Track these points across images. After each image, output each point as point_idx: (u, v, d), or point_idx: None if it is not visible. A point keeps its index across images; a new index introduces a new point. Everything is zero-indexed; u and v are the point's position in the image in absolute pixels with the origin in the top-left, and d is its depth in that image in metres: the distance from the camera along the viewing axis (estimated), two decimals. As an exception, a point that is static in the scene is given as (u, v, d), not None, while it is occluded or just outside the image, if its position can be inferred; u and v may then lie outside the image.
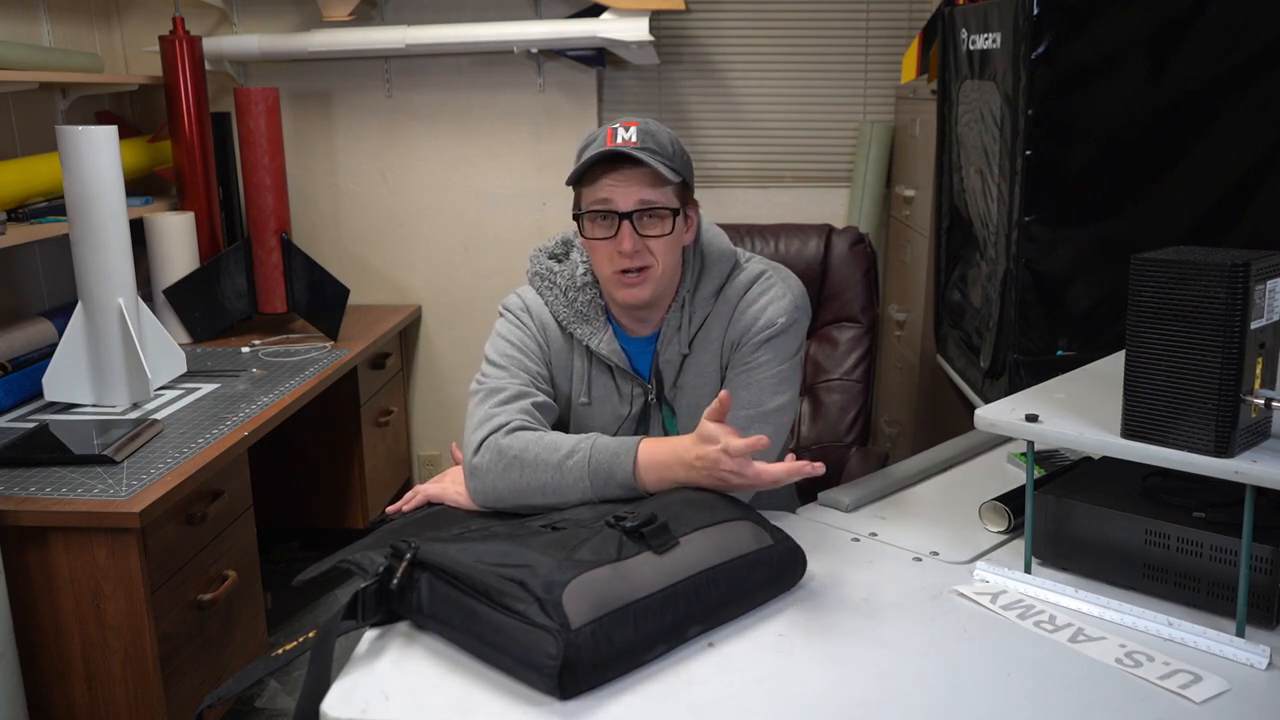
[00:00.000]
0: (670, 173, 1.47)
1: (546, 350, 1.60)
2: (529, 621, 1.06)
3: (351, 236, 3.49)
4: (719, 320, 1.57)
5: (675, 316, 1.57)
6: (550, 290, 1.60)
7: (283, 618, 2.88)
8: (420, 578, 1.16)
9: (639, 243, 1.47)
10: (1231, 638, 1.14)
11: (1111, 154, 1.85)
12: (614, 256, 1.48)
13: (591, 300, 1.59)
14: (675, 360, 1.58)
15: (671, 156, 1.49)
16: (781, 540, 1.29)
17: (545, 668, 1.04)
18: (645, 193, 1.47)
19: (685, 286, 1.58)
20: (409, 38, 3.12)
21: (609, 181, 1.47)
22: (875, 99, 3.33)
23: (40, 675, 1.88)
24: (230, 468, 2.15)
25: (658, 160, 1.46)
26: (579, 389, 1.59)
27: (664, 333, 1.57)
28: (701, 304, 1.58)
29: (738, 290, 1.58)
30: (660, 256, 1.49)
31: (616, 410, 1.59)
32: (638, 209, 1.47)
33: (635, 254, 1.47)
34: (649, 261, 1.49)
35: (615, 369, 1.58)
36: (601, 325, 1.58)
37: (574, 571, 1.09)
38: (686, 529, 1.22)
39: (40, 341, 2.54)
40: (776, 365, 1.53)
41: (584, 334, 1.58)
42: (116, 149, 2.28)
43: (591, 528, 1.22)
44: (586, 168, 1.47)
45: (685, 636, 1.16)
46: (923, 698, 1.07)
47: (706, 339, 1.58)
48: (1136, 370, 1.17)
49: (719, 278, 1.59)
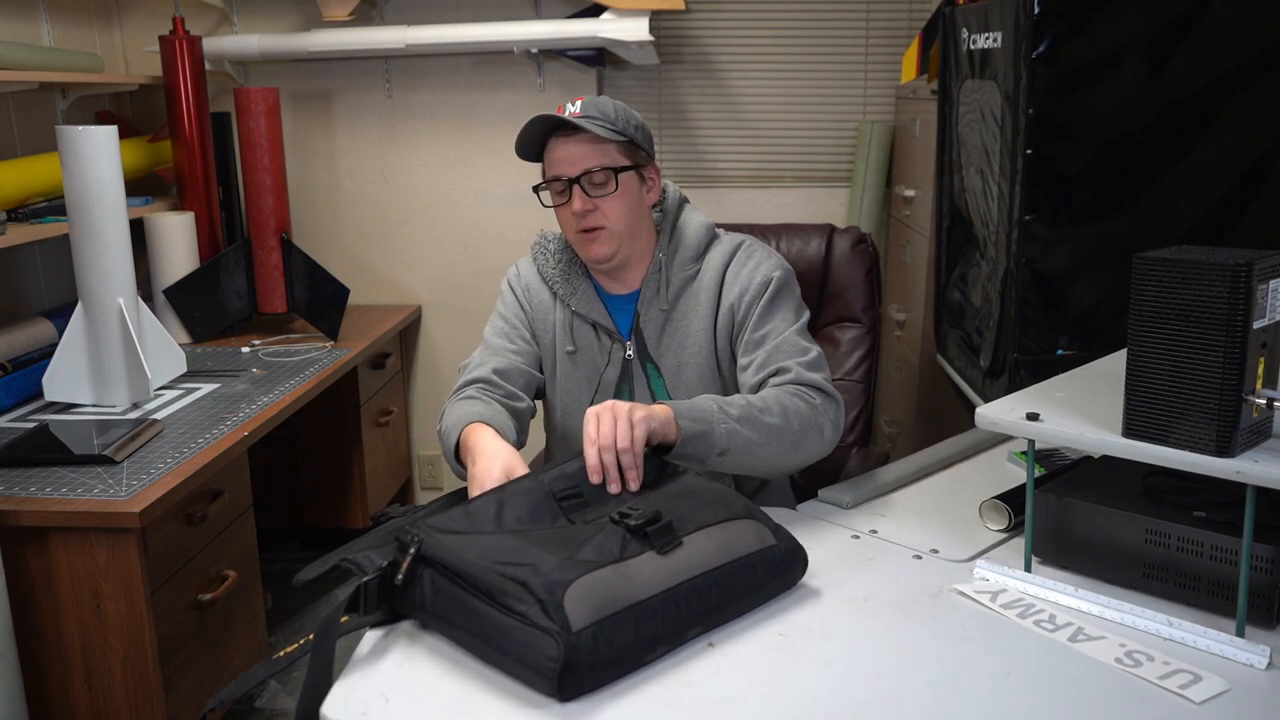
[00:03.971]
0: (609, 133, 1.61)
1: (529, 310, 1.75)
2: (530, 623, 1.05)
3: (351, 236, 3.49)
4: (707, 288, 1.69)
5: (654, 279, 1.70)
6: (542, 255, 1.77)
7: (283, 618, 2.88)
8: (424, 573, 1.16)
9: (589, 203, 1.62)
10: (1231, 638, 1.14)
11: (1112, 153, 1.85)
12: (571, 219, 1.64)
13: (571, 260, 1.74)
14: (657, 319, 1.69)
15: (613, 120, 1.63)
16: (784, 539, 1.29)
17: (545, 669, 1.03)
18: (589, 156, 1.61)
19: (659, 248, 1.71)
20: (409, 38, 3.12)
21: (557, 153, 1.63)
22: (875, 99, 3.33)
23: (40, 675, 1.88)
24: (230, 468, 2.14)
25: (596, 124, 1.60)
26: (563, 340, 1.72)
27: (644, 293, 1.70)
28: (680, 268, 1.70)
29: (721, 257, 1.71)
30: (612, 215, 1.63)
31: (597, 361, 1.71)
32: (583, 172, 1.61)
33: (586, 214, 1.62)
34: (601, 221, 1.62)
35: (595, 324, 1.71)
36: (581, 284, 1.72)
37: (576, 572, 1.09)
38: (690, 528, 1.21)
39: (40, 341, 2.53)
40: (795, 322, 1.66)
41: (565, 292, 1.72)
42: (116, 149, 2.28)
43: (596, 524, 1.22)
44: (534, 140, 1.64)
45: (686, 637, 1.16)
46: (923, 697, 1.07)
47: (694, 304, 1.69)
48: (1138, 369, 1.17)
49: (696, 245, 1.71)
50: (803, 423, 1.50)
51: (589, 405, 1.64)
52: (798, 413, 1.50)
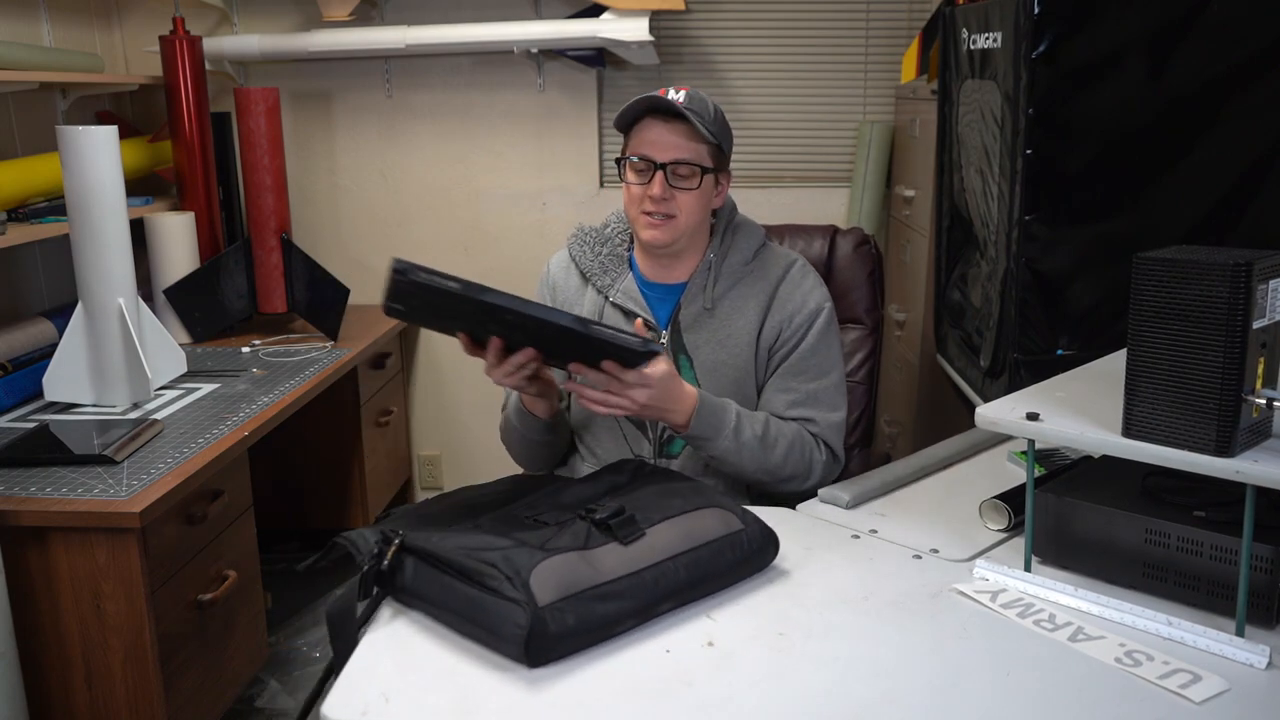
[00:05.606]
0: (708, 133, 1.64)
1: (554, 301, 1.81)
2: (501, 596, 1.13)
3: (351, 236, 3.49)
4: (756, 293, 1.74)
5: (702, 276, 1.74)
6: (580, 246, 1.81)
7: (283, 618, 2.89)
8: (406, 560, 1.24)
9: (668, 191, 1.64)
10: (1231, 637, 1.14)
11: (1112, 153, 1.85)
12: (643, 199, 1.66)
13: (612, 251, 1.79)
14: (698, 314, 1.73)
15: (712, 121, 1.66)
16: (751, 523, 1.33)
17: (514, 637, 1.11)
18: (682, 148, 1.64)
19: (712, 248, 1.75)
20: (409, 38, 3.12)
21: (651, 134, 1.65)
22: (875, 99, 3.33)
23: (40, 675, 1.88)
24: (230, 468, 2.14)
25: (698, 120, 1.63)
26: None
27: (690, 288, 1.74)
28: (730, 270, 1.75)
29: (776, 267, 1.77)
30: (684, 209, 1.66)
31: None
32: (672, 161, 1.64)
33: (663, 201, 1.65)
34: (673, 210, 1.66)
35: (631, 314, 1.74)
36: (622, 274, 1.77)
37: (543, 556, 1.17)
38: (654, 519, 1.28)
39: (40, 341, 2.53)
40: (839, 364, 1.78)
41: (604, 284, 1.77)
42: (116, 149, 2.28)
43: (564, 523, 1.28)
44: (634, 114, 1.66)
45: (657, 612, 1.22)
46: (923, 697, 1.07)
47: (741, 306, 1.74)
48: (1138, 369, 1.17)
49: (748, 250, 1.77)
50: (794, 468, 1.68)
51: None
52: (799, 457, 1.67)
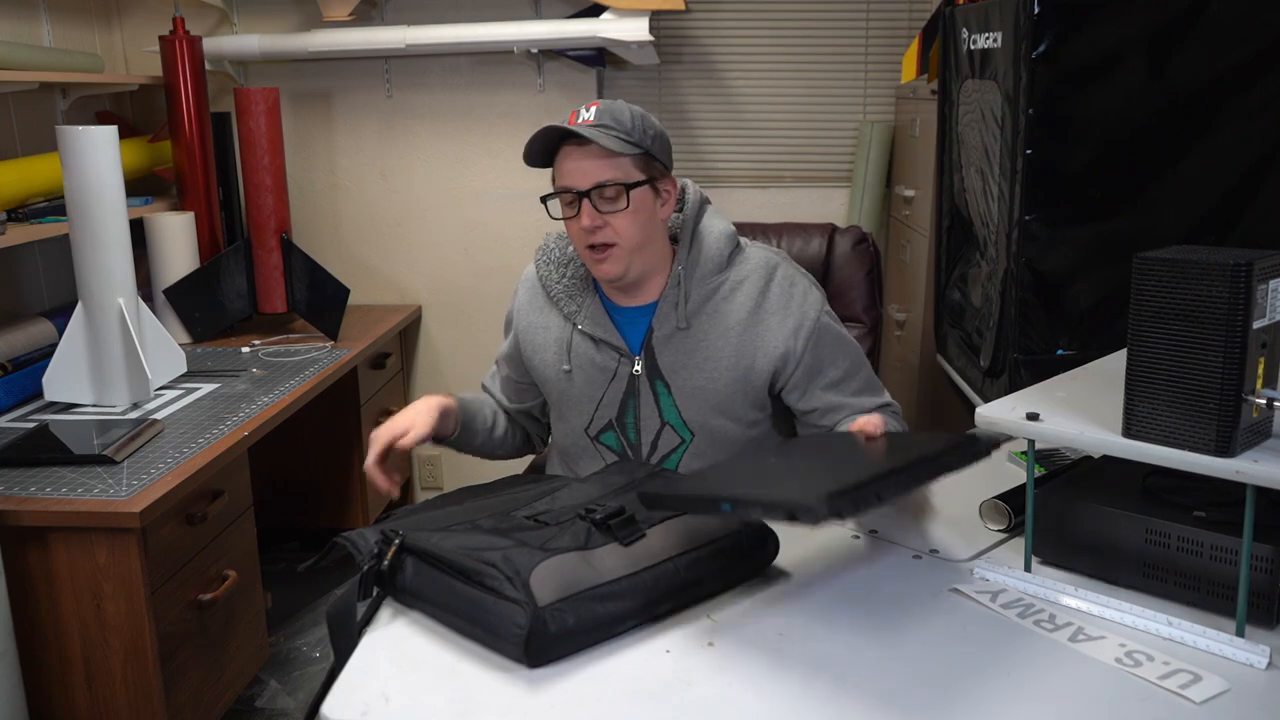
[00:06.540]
0: (623, 145, 1.51)
1: (521, 341, 1.72)
2: (501, 596, 1.12)
3: (351, 236, 3.49)
4: (736, 308, 1.61)
5: (672, 293, 1.61)
6: (546, 265, 1.69)
7: (283, 618, 2.88)
8: (406, 560, 1.23)
9: (598, 218, 1.53)
10: (1231, 637, 1.14)
11: (1112, 153, 1.85)
12: (581, 234, 1.56)
13: (575, 274, 1.67)
14: (672, 336, 1.61)
15: (629, 131, 1.53)
16: (750, 524, 1.32)
17: (514, 636, 1.10)
18: (602, 169, 1.52)
19: (679, 260, 1.62)
20: (409, 38, 3.12)
21: (568, 164, 1.54)
22: (875, 99, 3.32)
23: (40, 675, 1.88)
24: (230, 468, 2.14)
25: (609, 135, 1.51)
26: (560, 357, 1.67)
27: (661, 306, 1.61)
28: (702, 281, 1.62)
29: (755, 282, 1.62)
30: (622, 233, 1.54)
31: (597, 379, 1.65)
32: (594, 186, 1.52)
33: (595, 230, 1.53)
34: (610, 238, 1.54)
35: (598, 342, 1.64)
36: (588, 299, 1.65)
37: (543, 556, 1.16)
38: (654, 520, 1.27)
39: (40, 341, 2.53)
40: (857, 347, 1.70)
41: (570, 310, 1.65)
42: (116, 149, 2.28)
43: (565, 523, 1.27)
44: (543, 147, 1.54)
45: (657, 613, 1.21)
46: (923, 697, 1.07)
47: (719, 326, 1.61)
48: (1138, 369, 1.17)
49: (719, 257, 1.63)
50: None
51: (587, 424, 1.66)
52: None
